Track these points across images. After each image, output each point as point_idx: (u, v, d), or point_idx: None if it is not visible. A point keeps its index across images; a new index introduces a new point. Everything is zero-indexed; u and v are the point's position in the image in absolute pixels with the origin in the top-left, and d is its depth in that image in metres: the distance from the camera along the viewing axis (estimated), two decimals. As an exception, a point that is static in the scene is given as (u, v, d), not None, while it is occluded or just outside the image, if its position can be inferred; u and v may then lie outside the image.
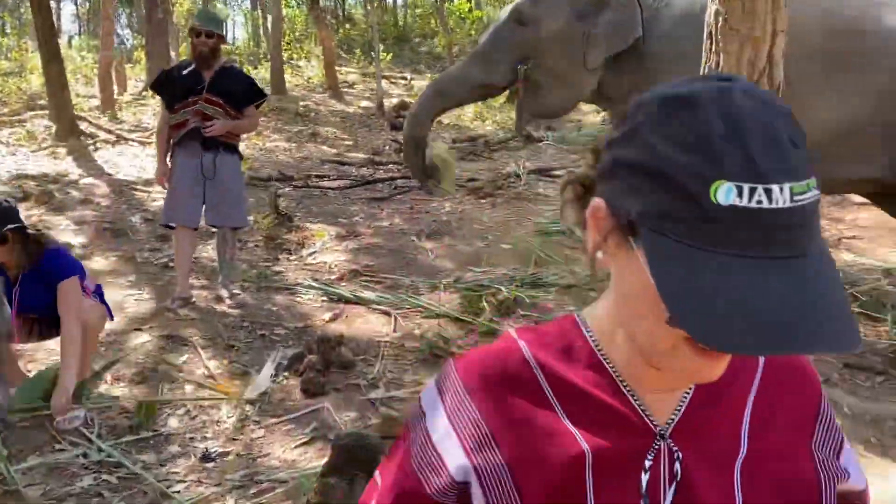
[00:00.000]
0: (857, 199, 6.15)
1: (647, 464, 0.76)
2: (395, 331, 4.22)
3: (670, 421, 0.78)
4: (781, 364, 0.84)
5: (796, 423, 0.82)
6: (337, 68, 15.90)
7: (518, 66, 4.47)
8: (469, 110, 12.74)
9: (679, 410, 0.79)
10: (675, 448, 0.77)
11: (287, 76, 15.26)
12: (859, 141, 3.96)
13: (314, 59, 17.54)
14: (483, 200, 7.52)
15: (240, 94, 4.65)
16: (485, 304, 4.58)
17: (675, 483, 0.76)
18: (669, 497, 0.76)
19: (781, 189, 0.62)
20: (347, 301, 4.59)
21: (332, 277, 5.13)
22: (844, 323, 0.63)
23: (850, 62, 3.88)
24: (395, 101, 13.25)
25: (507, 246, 6.00)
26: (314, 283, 4.89)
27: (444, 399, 0.83)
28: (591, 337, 0.81)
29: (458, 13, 17.85)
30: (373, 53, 14.18)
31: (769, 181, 0.62)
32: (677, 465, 0.76)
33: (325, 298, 4.65)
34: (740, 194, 0.62)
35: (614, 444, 0.77)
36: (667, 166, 0.64)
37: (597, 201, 0.72)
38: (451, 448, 0.81)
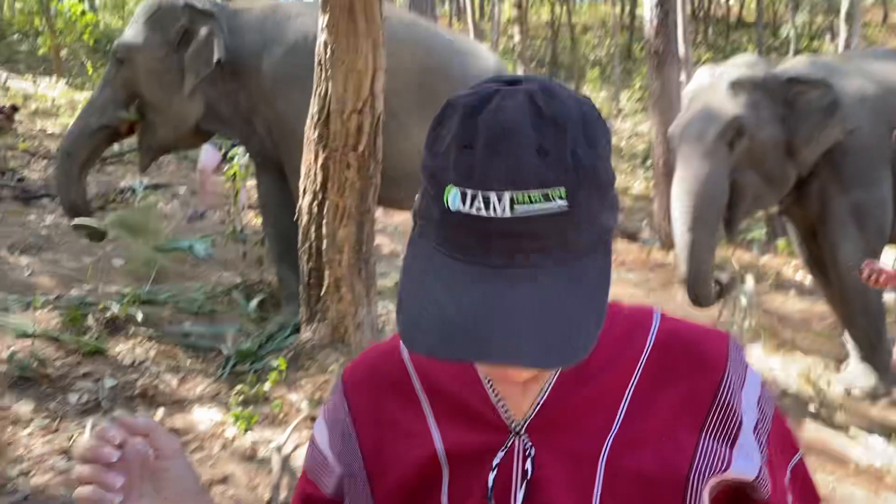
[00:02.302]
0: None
1: (496, 461, 0.74)
2: (-25, 354, 3.70)
3: (528, 416, 0.75)
4: (674, 348, 0.79)
5: (683, 410, 0.76)
6: None
7: (128, 105, 4.64)
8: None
9: (539, 403, 0.75)
10: (528, 444, 0.74)
11: None
12: None
13: None
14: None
15: None
16: (91, 321, 4.26)
17: (525, 481, 0.73)
18: (520, 496, 0.73)
19: (500, 197, 0.62)
20: (-88, 323, 3.88)
21: None
22: (555, 338, 0.61)
23: (441, 97, 4.52)
24: (-15, 101, 11.49)
25: (120, 262, 5.64)
26: None
27: (330, 402, 0.87)
28: None
29: (69, 15, 16.20)
30: (-44, 44, 12.16)
31: (487, 188, 0.62)
32: (529, 463, 0.73)
33: None
34: (464, 200, 0.63)
35: (470, 443, 0.76)
36: (425, 169, 0.68)
37: None
38: (329, 448, 0.85)
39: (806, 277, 7.00)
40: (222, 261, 5.96)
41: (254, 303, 4.92)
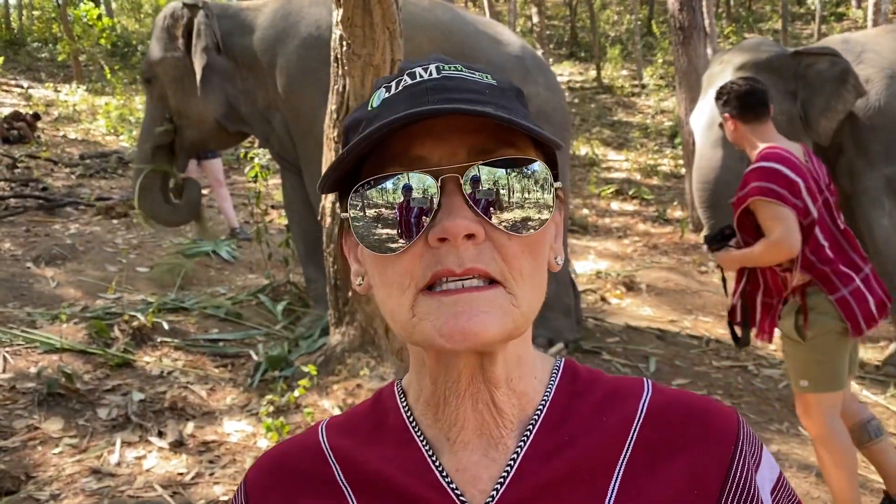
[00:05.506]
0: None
1: None
2: (3, 372, 3.65)
3: (489, 500, 0.62)
4: (673, 419, 0.66)
5: (689, 491, 0.63)
6: (-71, 69, 13.42)
7: (163, 120, 4.77)
8: (102, 124, 11.67)
9: (502, 483, 0.62)
10: None
11: None
12: None
13: None
14: (116, 221, 6.92)
15: None
16: (117, 332, 4.20)
17: None
18: None
19: (426, 69, 0.62)
20: (-63, 342, 3.85)
21: (-81, 315, 4.27)
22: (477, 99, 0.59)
23: None
24: (7, 111, 11.56)
25: (145, 270, 5.59)
26: None
27: None
28: (403, 406, 0.69)
29: (85, 20, 16.21)
30: (-24, 55, 12.23)
31: (412, 69, 0.63)
32: None
33: None
34: (388, 90, 0.62)
35: None
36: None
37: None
38: None
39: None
40: (247, 263, 5.89)
41: (281, 305, 4.84)
